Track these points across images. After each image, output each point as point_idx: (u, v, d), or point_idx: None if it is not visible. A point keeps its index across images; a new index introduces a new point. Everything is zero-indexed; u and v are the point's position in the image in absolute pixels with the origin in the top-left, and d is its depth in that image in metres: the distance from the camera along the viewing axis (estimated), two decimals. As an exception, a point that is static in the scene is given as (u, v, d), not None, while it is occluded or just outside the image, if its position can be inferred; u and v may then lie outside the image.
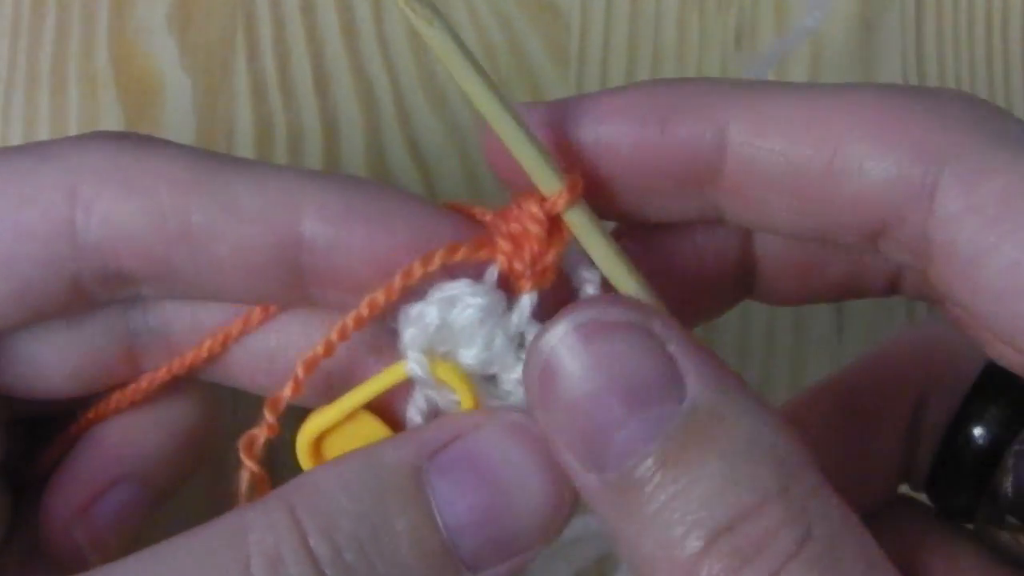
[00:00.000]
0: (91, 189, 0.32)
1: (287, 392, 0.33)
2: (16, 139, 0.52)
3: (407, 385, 0.33)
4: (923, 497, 0.39)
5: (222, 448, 0.37)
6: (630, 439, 0.28)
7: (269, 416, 0.33)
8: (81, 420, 0.37)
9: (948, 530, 0.38)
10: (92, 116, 0.52)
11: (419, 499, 0.30)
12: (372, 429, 0.33)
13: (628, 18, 0.54)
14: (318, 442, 0.33)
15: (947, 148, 0.29)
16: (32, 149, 0.33)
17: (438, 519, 0.29)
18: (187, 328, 0.35)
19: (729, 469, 0.27)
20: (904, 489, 0.40)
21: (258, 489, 0.34)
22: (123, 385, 0.36)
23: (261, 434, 0.33)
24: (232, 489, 0.34)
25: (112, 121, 0.52)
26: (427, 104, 0.53)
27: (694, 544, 0.27)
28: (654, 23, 0.54)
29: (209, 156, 0.32)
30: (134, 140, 0.33)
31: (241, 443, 0.33)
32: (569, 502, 0.31)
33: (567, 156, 0.31)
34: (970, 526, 0.38)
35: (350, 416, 0.33)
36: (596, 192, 0.31)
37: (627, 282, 0.31)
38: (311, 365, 0.33)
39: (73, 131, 0.52)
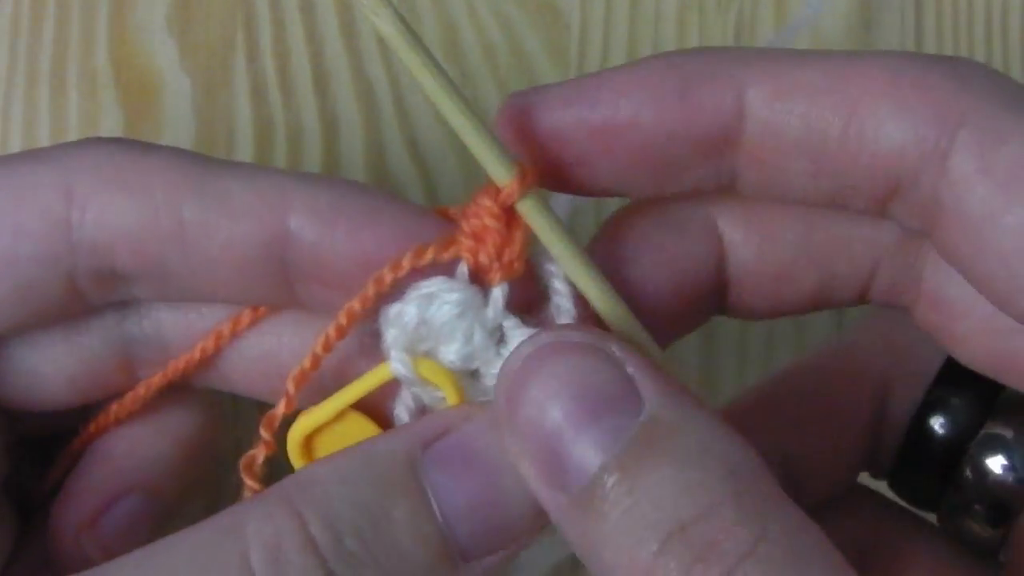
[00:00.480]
0: (86, 188, 0.32)
1: (280, 409, 0.33)
2: (16, 139, 0.52)
3: (395, 384, 0.34)
4: (882, 487, 0.39)
5: (223, 459, 0.37)
6: (589, 449, 0.28)
7: (265, 434, 0.34)
8: (83, 434, 0.37)
9: (903, 520, 0.38)
10: (92, 116, 0.52)
11: (416, 488, 0.30)
12: (361, 427, 0.34)
13: (628, 18, 0.54)
14: (308, 441, 0.34)
15: (963, 112, 0.29)
16: (28, 154, 0.34)
17: (435, 508, 0.30)
18: (181, 335, 0.35)
19: (682, 474, 0.27)
20: (864, 478, 0.40)
21: None
22: (120, 395, 0.36)
23: (260, 453, 0.34)
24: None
25: (112, 121, 0.52)
26: (427, 104, 0.53)
27: (650, 546, 0.27)
28: (654, 23, 0.54)
29: (200, 157, 0.33)
30: (128, 143, 0.34)
31: (242, 464, 0.34)
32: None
33: (585, 137, 0.31)
34: (932, 515, 0.38)
35: (339, 416, 0.33)
36: (617, 166, 0.32)
37: (579, 272, 0.32)
38: (301, 380, 0.33)
39: (73, 131, 0.52)
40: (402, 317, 0.32)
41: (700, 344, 0.50)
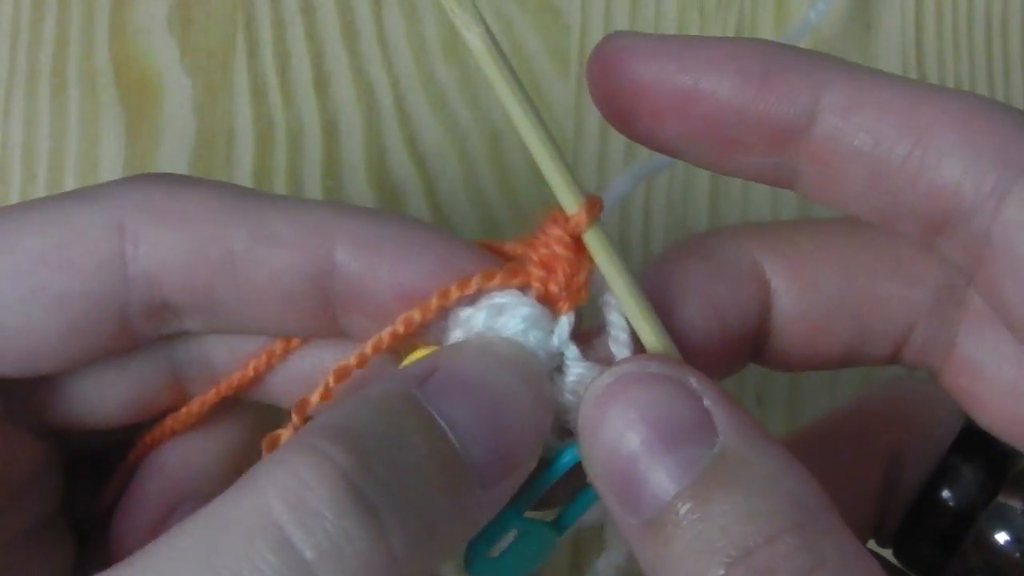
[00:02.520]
0: (136, 223, 0.33)
1: (316, 397, 0.34)
2: (16, 139, 0.52)
3: None
4: (888, 554, 0.40)
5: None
6: (664, 478, 0.29)
7: (296, 418, 0.34)
8: (139, 446, 0.37)
9: None
10: (92, 116, 0.52)
11: (427, 415, 0.30)
12: None
13: (628, 18, 0.54)
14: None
15: None
16: (75, 192, 0.34)
17: (449, 433, 0.30)
18: (227, 356, 0.36)
19: (750, 505, 0.29)
20: (870, 544, 0.40)
21: None
22: (168, 412, 0.37)
23: (285, 434, 0.34)
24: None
25: (112, 121, 0.52)
26: (427, 104, 0.53)
27: (716, 570, 0.28)
28: (654, 23, 0.54)
29: (245, 190, 0.34)
30: (174, 178, 0.35)
31: (265, 442, 0.34)
32: (549, 406, 0.32)
33: (663, 94, 0.32)
34: None
35: None
36: (685, 130, 0.32)
37: (634, 308, 0.32)
38: (342, 374, 0.33)
39: (73, 130, 0.52)
40: (470, 321, 0.33)
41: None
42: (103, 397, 0.36)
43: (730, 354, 0.34)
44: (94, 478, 0.39)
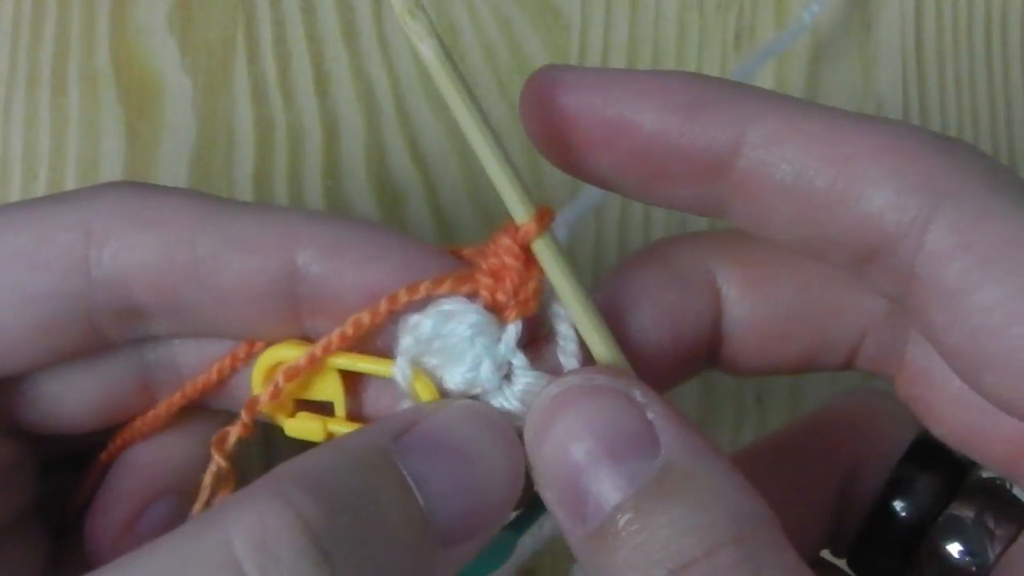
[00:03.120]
0: (104, 227, 0.33)
1: (265, 396, 0.34)
2: (16, 139, 0.52)
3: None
4: (843, 564, 0.40)
5: (248, 455, 0.38)
6: (608, 489, 0.30)
7: (245, 416, 0.35)
8: (110, 447, 0.38)
9: None
10: (92, 116, 0.52)
11: (397, 473, 0.30)
12: (333, 390, 0.35)
13: (628, 18, 0.54)
14: (272, 372, 0.35)
15: (948, 187, 0.30)
16: (47, 197, 0.35)
17: (416, 493, 0.30)
18: (195, 362, 0.36)
19: (690, 517, 0.29)
20: (824, 554, 0.40)
21: (223, 484, 0.36)
22: (138, 415, 0.37)
23: (234, 432, 0.35)
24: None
25: (112, 121, 0.52)
26: (427, 104, 0.53)
27: None
28: (654, 23, 0.54)
29: (211, 197, 0.35)
30: (143, 185, 0.35)
31: (213, 439, 0.35)
32: (522, 473, 0.32)
33: (591, 125, 0.32)
34: None
35: (320, 369, 0.34)
36: (613, 162, 0.33)
37: (583, 317, 0.33)
38: (292, 375, 0.34)
39: (73, 131, 0.52)
40: (418, 328, 0.33)
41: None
42: (72, 399, 0.36)
43: (683, 362, 0.35)
44: (69, 478, 0.39)
